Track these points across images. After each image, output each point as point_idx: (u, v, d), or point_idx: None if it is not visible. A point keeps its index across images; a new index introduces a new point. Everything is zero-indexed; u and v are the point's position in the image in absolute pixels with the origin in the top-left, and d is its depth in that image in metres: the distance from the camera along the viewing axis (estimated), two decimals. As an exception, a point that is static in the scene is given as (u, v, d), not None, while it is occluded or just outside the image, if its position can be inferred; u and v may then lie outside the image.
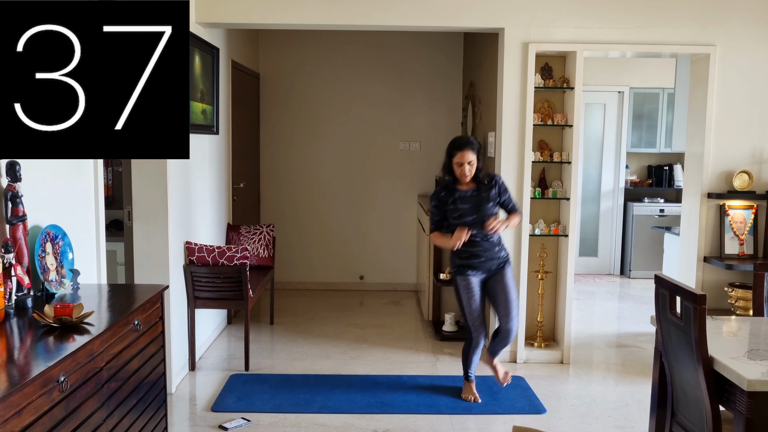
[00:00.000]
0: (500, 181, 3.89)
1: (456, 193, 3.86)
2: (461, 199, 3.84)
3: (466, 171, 3.77)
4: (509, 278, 3.91)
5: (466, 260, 3.88)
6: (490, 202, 3.83)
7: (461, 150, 3.77)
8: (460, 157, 3.77)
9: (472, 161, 3.78)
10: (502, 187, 3.89)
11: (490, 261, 3.87)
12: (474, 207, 3.82)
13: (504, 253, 3.94)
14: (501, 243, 3.93)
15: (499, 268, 3.90)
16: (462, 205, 3.83)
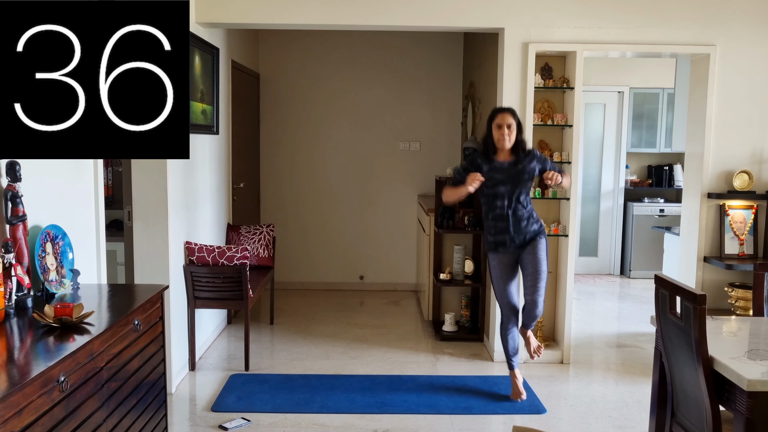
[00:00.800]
0: (538, 154, 3.88)
1: (494, 162, 3.86)
2: (497, 169, 3.84)
3: (505, 133, 3.77)
4: (540, 250, 3.88)
5: (496, 236, 3.90)
6: (526, 174, 3.82)
7: (503, 112, 3.83)
8: (501, 118, 3.80)
9: (512, 125, 3.79)
10: (541, 157, 3.88)
11: (519, 235, 3.86)
12: (509, 177, 3.82)
13: (536, 227, 3.90)
14: (532, 216, 3.91)
15: (530, 240, 3.88)
16: (497, 175, 3.83)
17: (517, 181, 3.82)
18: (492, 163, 3.86)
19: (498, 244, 3.91)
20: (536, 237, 3.89)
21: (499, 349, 4.76)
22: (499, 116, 3.82)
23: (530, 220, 3.90)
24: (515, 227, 3.85)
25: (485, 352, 4.96)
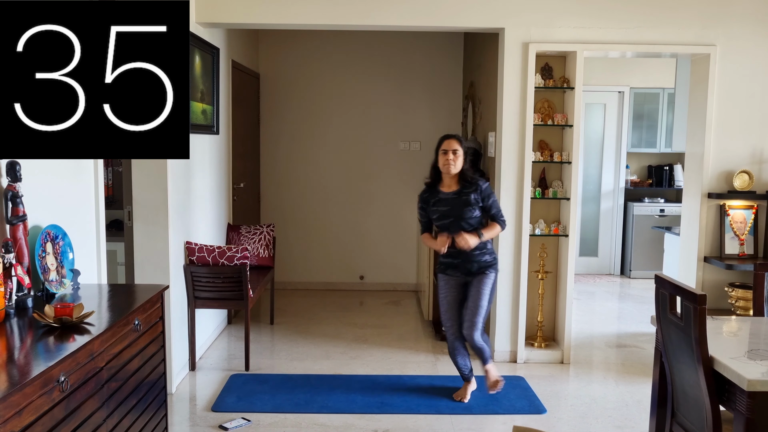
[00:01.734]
0: (483, 186, 3.84)
1: (438, 194, 3.87)
2: (441, 201, 3.85)
3: (450, 158, 3.78)
4: (485, 285, 3.85)
5: (446, 259, 3.91)
6: (469, 206, 3.79)
7: (448, 138, 3.84)
8: (447, 144, 3.81)
9: (457, 150, 3.79)
10: (485, 192, 3.83)
11: (469, 263, 3.85)
12: (452, 209, 3.81)
13: (487, 258, 3.87)
14: (486, 248, 3.87)
15: (479, 272, 3.86)
16: (441, 207, 3.84)
17: (460, 213, 3.79)
18: (437, 195, 3.88)
19: (447, 266, 3.92)
20: (486, 270, 3.86)
21: (500, 349, 4.76)
22: (445, 142, 3.83)
23: (483, 250, 3.85)
24: (464, 256, 3.84)
25: (485, 352, 4.96)
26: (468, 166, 3.88)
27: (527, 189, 4.62)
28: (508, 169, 4.62)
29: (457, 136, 3.89)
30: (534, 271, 4.77)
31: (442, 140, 3.87)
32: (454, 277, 3.92)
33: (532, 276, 4.78)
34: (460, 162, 3.81)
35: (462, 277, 3.90)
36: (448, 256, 3.89)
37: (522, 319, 4.71)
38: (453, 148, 3.79)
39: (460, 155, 3.80)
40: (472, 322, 3.84)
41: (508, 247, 4.69)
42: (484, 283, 3.85)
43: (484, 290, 3.85)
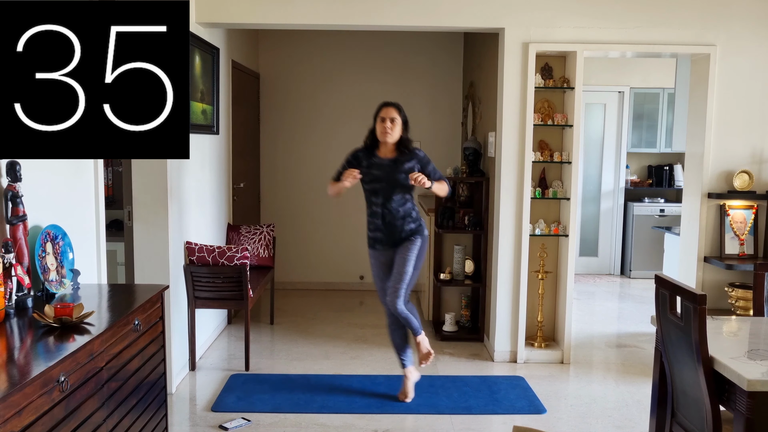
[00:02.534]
0: (421, 154, 3.83)
1: (374, 157, 3.83)
2: (376, 165, 3.80)
3: (387, 127, 3.73)
4: (410, 251, 3.82)
5: (373, 232, 3.88)
6: (403, 173, 3.76)
7: (386, 106, 3.80)
8: (385, 112, 3.77)
9: (396, 119, 3.75)
10: (424, 159, 3.82)
11: (393, 233, 3.83)
12: (386, 175, 3.78)
13: (413, 226, 3.84)
14: (411, 215, 3.84)
15: (405, 239, 3.84)
16: (376, 171, 3.80)
17: (394, 180, 3.77)
18: (372, 158, 3.82)
19: (374, 240, 3.89)
20: (411, 236, 3.84)
21: (500, 349, 4.77)
22: (384, 110, 3.79)
23: (407, 219, 3.83)
24: (390, 225, 3.81)
25: (485, 352, 4.96)
26: (406, 135, 3.82)
27: (527, 189, 4.62)
28: (508, 169, 4.62)
29: (396, 104, 3.82)
30: (534, 271, 4.77)
31: (381, 107, 3.81)
32: (382, 250, 3.89)
33: (532, 276, 4.78)
34: (398, 131, 3.77)
35: (390, 249, 3.88)
36: (375, 229, 3.85)
37: (522, 319, 4.71)
38: (391, 116, 3.75)
39: (398, 123, 3.76)
40: (394, 288, 3.81)
41: (508, 247, 4.69)
42: (409, 249, 3.82)
43: (409, 257, 3.82)
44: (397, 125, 3.76)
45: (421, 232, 3.88)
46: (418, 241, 3.85)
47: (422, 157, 3.84)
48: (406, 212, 3.83)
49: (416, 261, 3.86)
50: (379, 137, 3.79)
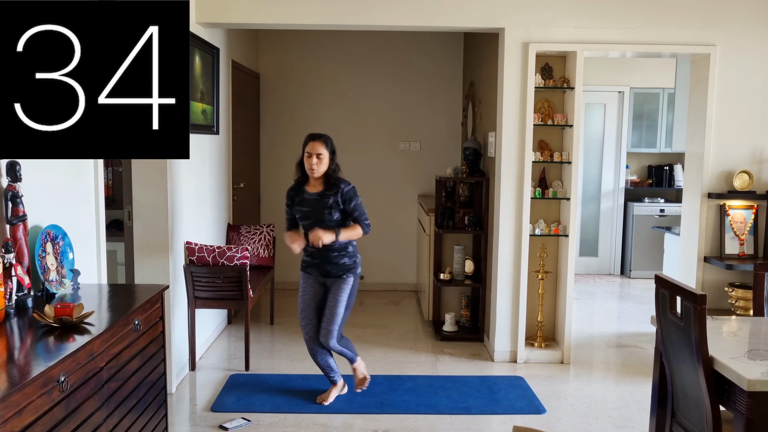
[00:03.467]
0: (345, 189, 3.74)
1: (303, 193, 3.82)
2: (305, 201, 3.80)
3: (313, 162, 3.70)
4: (342, 291, 3.82)
5: (307, 257, 3.90)
6: (328, 209, 3.73)
7: (313, 140, 3.75)
8: (311, 147, 3.73)
9: (322, 154, 3.71)
10: (347, 195, 3.75)
11: (327, 264, 3.82)
12: (312, 211, 3.77)
13: (346, 261, 3.82)
14: (347, 250, 3.82)
15: (337, 276, 3.83)
16: (303, 207, 3.79)
17: (320, 215, 3.74)
18: (302, 194, 3.82)
19: (307, 265, 3.90)
20: (343, 274, 3.83)
21: (500, 349, 4.76)
22: (310, 144, 3.74)
23: (341, 253, 3.81)
24: (322, 258, 3.81)
25: (485, 352, 4.96)
26: (334, 168, 3.78)
27: (527, 189, 4.62)
28: (508, 169, 4.62)
29: (323, 137, 3.76)
30: (534, 271, 4.77)
31: (307, 141, 3.77)
32: (313, 276, 3.90)
33: (532, 276, 4.78)
34: (324, 165, 3.73)
35: (320, 277, 3.88)
36: (309, 255, 3.87)
37: (522, 319, 4.71)
38: (317, 151, 3.70)
39: (324, 159, 3.71)
40: (327, 330, 3.82)
41: (508, 247, 4.69)
42: (341, 289, 3.83)
43: (340, 297, 3.82)
44: (323, 160, 3.72)
45: (354, 269, 3.87)
46: (350, 280, 3.85)
47: (346, 192, 3.75)
48: (341, 246, 3.80)
49: (348, 300, 3.87)
50: (306, 171, 3.77)
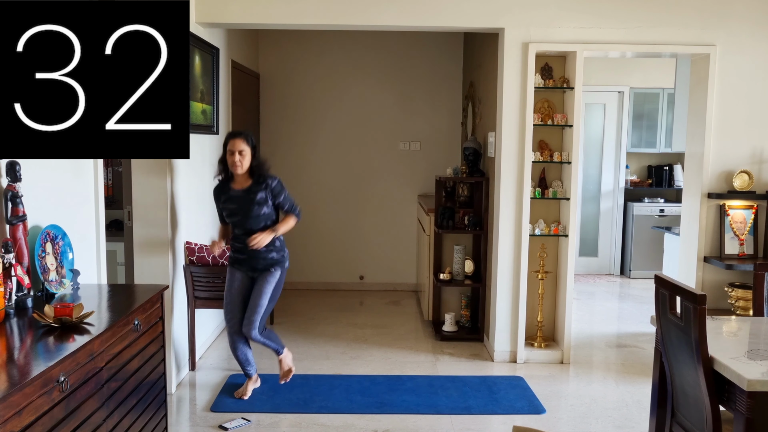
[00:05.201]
0: (272, 184, 3.81)
1: (229, 191, 3.85)
2: (231, 198, 3.83)
3: (236, 160, 3.73)
4: (267, 283, 3.88)
5: (234, 253, 3.93)
6: (256, 205, 3.77)
7: (233, 138, 3.78)
8: (232, 144, 3.76)
9: (244, 151, 3.74)
10: (275, 189, 3.81)
11: (254, 260, 3.87)
12: (240, 208, 3.80)
13: (274, 255, 3.88)
14: (275, 245, 3.86)
15: (264, 269, 3.88)
16: (230, 204, 3.82)
17: (248, 211, 3.77)
18: (228, 192, 3.84)
19: (234, 261, 3.94)
20: (271, 267, 3.88)
21: (500, 349, 4.76)
22: (231, 142, 3.76)
23: (269, 248, 3.84)
24: (250, 253, 3.84)
25: (485, 352, 4.96)
26: (258, 163, 3.81)
27: (527, 189, 4.62)
28: (508, 169, 4.62)
29: (243, 133, 3.80)
30: (534, 271, 4.77)
31: (228, 139, 3.80)
32: (241, 271, 3.93)
33: (532, 276, 4.78)
34: (248, 161, 3.77)
35: (249, 272, 3.92)
36: (237, 251, 3.90)
37: (522, 319, 4.71)
38: (239, 148, 3.73)
39: (246, 155, 3.75)
40: (249, 320, 3.87)
41: (507, 247, 4.69)
42: (266, 281, 3.88)
43: (265, 289, 3.87)
44: (246, 156, 3.75)
45: (283, 263, 3.93)
46: (277, 273, 3.91)
47: (274, 186, 3.81)
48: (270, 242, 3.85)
49: (273, 293, 3.93)
50: (231, 169, 3.80)
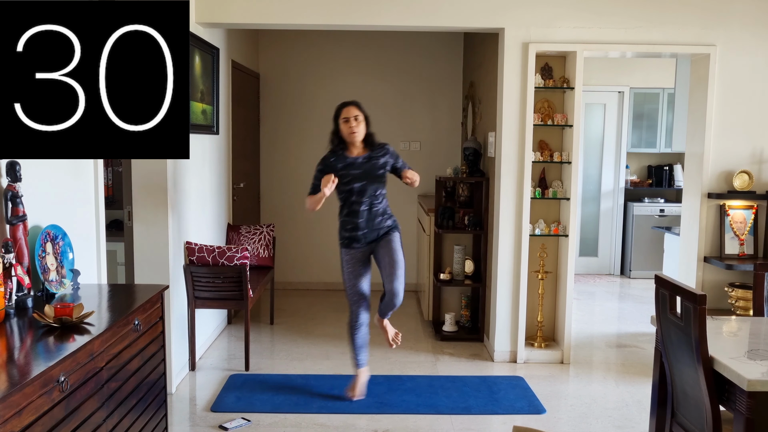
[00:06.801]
0: (390, 149, 3.90)
1: (347, 159, 3.84)
2: (352, 165, 3.82)
3: (353, 125, 3.75)
4: (395, 242, 3.88)
5: (351, 232, 3.88)
6: (381, 169, 3.82)
7: (346, 105, 3.82)
8: (347, 111, 3.78)
9: (359, 116, 3.78)
10: (394, 153, 3.90)
11: (373, 231, 3.86)
12: (365, 172, 3.80)
13: (389, 222, 3.91)
14: (387, 212, 3.90)
15: (384, 235, 3.88)
16: (353, 170, 3.81)
17: (373, 176, 3.80)
18: (345, 159, 3.84)
19: (352, 239, 3.89)
20: (389, 232, 3.89)
21: (500, 349, 4.76)
22: (345, 110, 3.80)
23: (384, 216, 3.88)
24: (369, 223, 3.84)
25: (485, 352, 4.96)
26: (370, 131, 3.87)
27: (527, 189, 4.62)
28: (508, 169, 4.62)
29: (355, 102, 3.84)
30: (534, 271, 4.77)
31: (341, 108, 3.82)
32: (360, 250, 3.92)
33: (532, 276, 4.78)
34: (363, 127, 3.80)
35: (366, 247, 3.91)
36: (353, 228, 3.86)
37: (522, 319, 4.71)
38: (353, 114, 3.77)
39: (361, 120, 3.79)
40: (394, 275, 3.84)
41: (508, 247, 4.69)
42: (392, 241, 3.87)
43: (395, 246, 3.87)
44: (361, 122, 3.80)
45: (397, 226, 3.98)
46: (397, 234, 3.94)
47: (392, 151, 3.92)
48: (384, 209, 3.90)
49: (401, 249, 3.92)
50: (347, 138, 3.81)
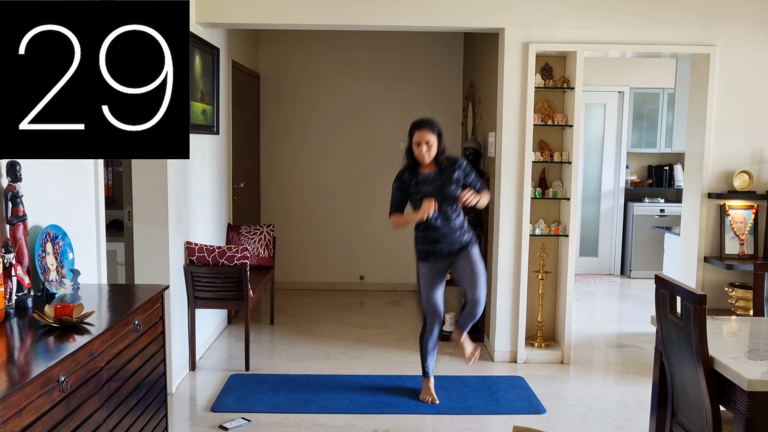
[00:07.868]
0: (464, 164, 3.85)
1: (419, 175, 3.83)
2: (424, 181, 3.81)
3: (423, 150, 3.74)
4: (474, 254, 3.86)
5: (429, 245, 3.86)
6: (453, 185, 3.79)
7: (419, 129, 3.77)
8: (419, 136, 3.76)
9: (431, 141, 3.75)
10: (466, 169, 3.85)
11: (451, 245, 3.84)
12: (437, 189, 3.79)
13: (467, 237, 3.87)
14: (464, 227, 3.88)
15: (462, 248, 3.86)
16: (424, 187, 3.80)
17: (445, 192, 3.78)
18: (418, 176, 3.83)
19: (429, 253, 3.88)
20: (467, 246, 3.86)
21: (500, 349, 4.76)
22: (417, 133, 3.76)
23: (462, 230, 3.85)
24: (446, 238, 3.82)
25: (485, 352, 4.96)
26: (442, 148, 3.83)
27: (527, 189, 4.62)
28: (508, 169, 4.62)
29: (428, 123, 3.78)
30: (534, 271, 4.77)
31: (414, 130, 3.79)
32: (437, 263, 3.89)
33: (532, 276, 4.78)
34: (434, 150, 3.78)
35: (444, 260, 3.89)
36: (431, 242, 3.85)
37: (522, 319, 4.71)
38: (425, 140, 3.74)
39: (433, 145, 3.76)
40: (477, 283, 3.81)
41: (508, 247, 4.69)
42: (472, 253, 3.85)
43: (475, 257, 3.85)
44: (432, 146, 3.76)
45: (475, 241, 3.92)
46: (476, 247, 3.89)
47: (464, 167, 3.84)
48: (460, 224, 3.85)
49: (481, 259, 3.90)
50: (418, 159, 3.80)
